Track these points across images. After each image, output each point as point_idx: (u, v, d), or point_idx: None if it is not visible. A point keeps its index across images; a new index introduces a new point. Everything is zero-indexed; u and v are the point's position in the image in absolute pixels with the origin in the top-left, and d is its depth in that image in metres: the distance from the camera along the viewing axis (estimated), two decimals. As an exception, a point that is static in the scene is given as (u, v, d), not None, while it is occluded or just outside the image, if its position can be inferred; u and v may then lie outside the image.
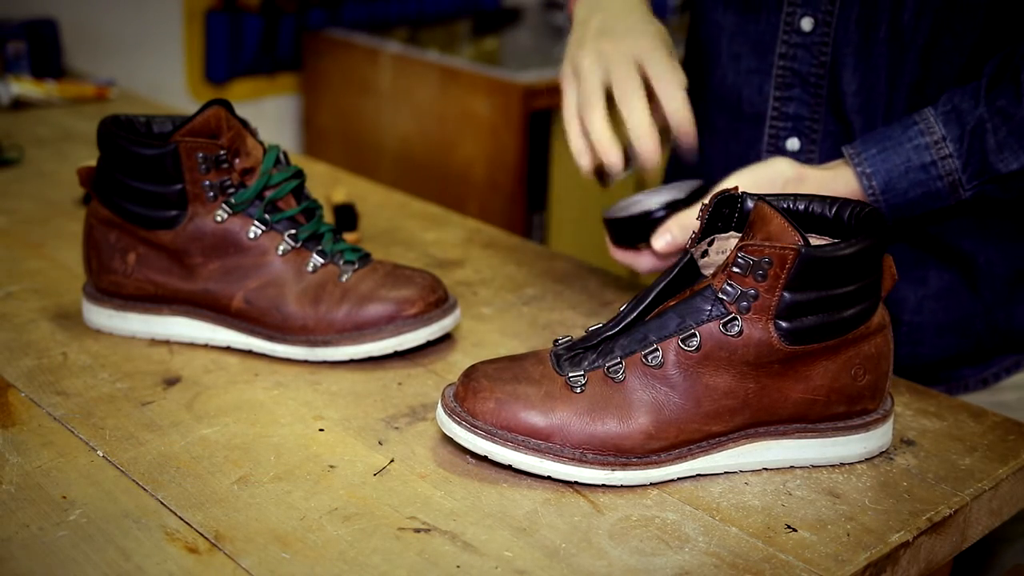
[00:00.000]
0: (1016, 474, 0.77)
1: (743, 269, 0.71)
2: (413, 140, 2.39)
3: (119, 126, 0.89)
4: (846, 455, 0.76)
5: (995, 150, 0.84)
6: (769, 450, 0.75)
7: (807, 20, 0.93)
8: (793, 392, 0.74)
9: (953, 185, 0.86)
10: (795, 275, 0.70)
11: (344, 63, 2.51)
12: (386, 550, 0.66)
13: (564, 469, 0.72)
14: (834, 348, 0.74)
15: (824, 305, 0.72)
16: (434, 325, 0.89)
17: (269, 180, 0.89)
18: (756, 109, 0.98)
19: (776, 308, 0.71)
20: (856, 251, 0.71)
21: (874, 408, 0.77)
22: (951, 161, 0.85)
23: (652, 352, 0.73)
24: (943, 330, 0.98)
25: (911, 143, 0.86)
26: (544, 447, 0.72)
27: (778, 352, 0.72)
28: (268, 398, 0.83)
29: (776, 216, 0.71)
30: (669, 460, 0.73)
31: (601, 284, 1.06)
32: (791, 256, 0.70)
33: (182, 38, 2.47)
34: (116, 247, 0.90)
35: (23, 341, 0.90)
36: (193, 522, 0.68)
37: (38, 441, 0.76)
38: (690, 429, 0.73)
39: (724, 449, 0.74)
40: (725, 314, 0.72)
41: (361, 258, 0.91)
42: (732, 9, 0.99)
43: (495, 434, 0.73)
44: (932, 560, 0.72)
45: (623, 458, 0.72)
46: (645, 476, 0.73)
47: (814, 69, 0.94)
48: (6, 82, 1.62)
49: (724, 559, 0.66)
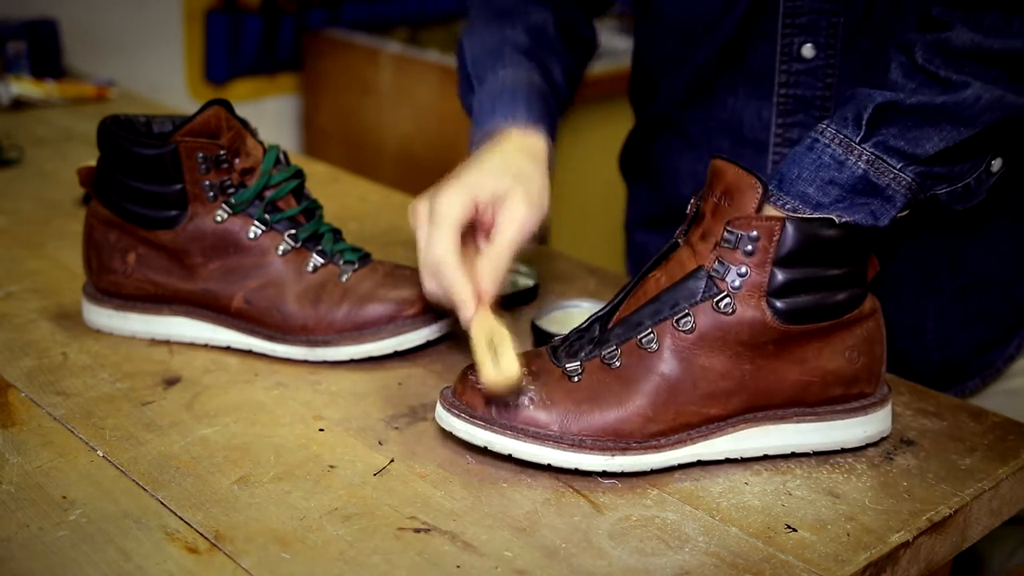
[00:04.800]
0: (1016, 474, 0.77)
1: (732, 244, 0.73)
2: (413, 140, 2.39)
3: (119, 126, 0.89)
4: (847, 439, 0.77)
5: (897, 136, 0.77)
6: (769, 435, 0.76)
7: (808, 47, 0.91)
8: (789, 374, 0.75)
9: (845, 144, 0.76)
10: (784, 248, 0.72)
11: (344, 63, 2.51)
12: (386, 550, 0.66)
13: (563, 456, 0.72)
14: (828, 330, 0.75)
15: (816, 285, 0.73)
16: (434, 325, 0.89)
17: (269, 180, 0.89)
18: (757, 135, 0.96)
19: (768, 285, 0.72)
20: (842, 225, 0.73)
21: (871, 391, 0.78)
22: (830, 128, 0.78)
23: (647, 336, 0.74)
24: (967, 323, 0.98)
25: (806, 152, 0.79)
26: (543, 434, 0.73)
27: (772, 331, 0.73)
28: (268, 398, 0.83)
29: (730, 167, 0.74)
30: (669, 445, 0.73)
31: (601, 284, 1.06)
32: (778, 227, 0.72)
33: (182, 38, 2.47)
34: (116, 247, 0.90)
35: (23, 341, 0.90)
36: (193, 522, 0.68)
37: (38, 441, 0.76)
38: (688, 412, 0.73)
39: (724, 434, 0.75)
40: (717, 292, 0.73)
41: (361, 258, 0.91)
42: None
43: (493, 424, 0.73)
44: (932, 560, 0.72)
45: (622, 443, 0.73)
46: (645, 462, 0.73)
47: (819, 92, 0.92)
48: (6, 82, 1.62)
49: (724, 559, 0.66)
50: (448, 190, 0.79)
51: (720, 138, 0.99)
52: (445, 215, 0.78)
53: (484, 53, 0.94)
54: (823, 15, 0.89)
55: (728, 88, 0.97)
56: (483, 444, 0.74)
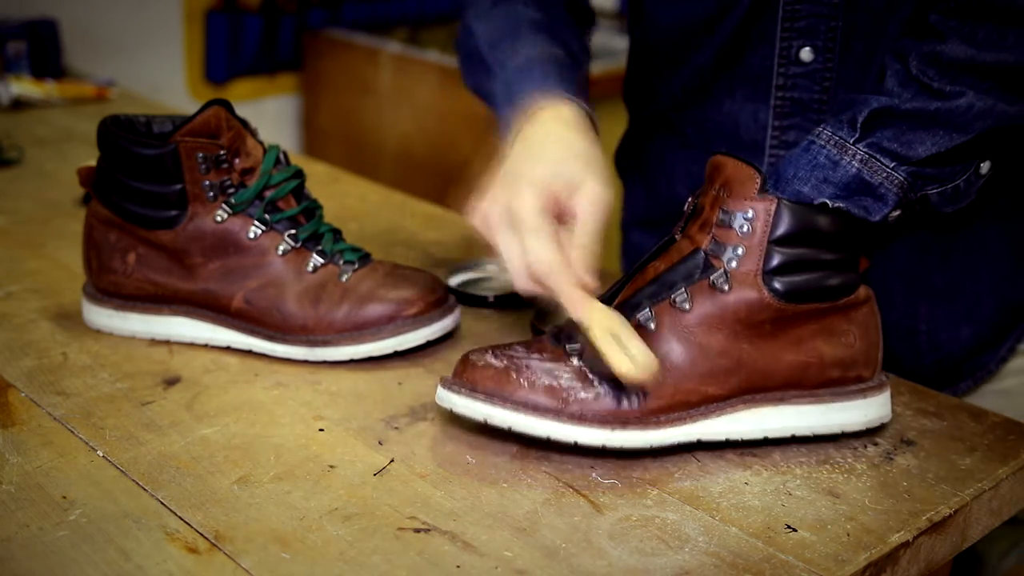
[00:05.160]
0: (1016, 474, 0.77)
1: (727, 223, 0.75)
2: (413, 140, 2.39)
3: (119, 126, 0.89)
4: (847, 422, 0.77)
5: (891, 138, 0.78)
6: (769, 417, 0.76)
7: (806, 50, 0.91)
8: (787, 354, 0.76)
9: (840, 145, 0.78)
10: (778, 228, 0.74)
11: (344, 63, 2.51)
12: (386, 550, 0.66)
13: (563, 429, 0.73)
14: (824, 312, 0.76)
15: (810, 266, 0.75)
16: (434, 325, 0.89)
17: (269, 180, 0.89)
18: (753, 137, 0.96)
19: (763, 264, 0.74)
20: (835, 211, 0.76)
21: (870, 376, 0.79)
22: (826, 131, 0.79)
23: (645, 316, 0.75)
24: (958, 323, 0.98)
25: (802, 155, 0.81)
26: (543, 407, 0.73)
27: (769, 308, 0.74)
28: (268, 398, 0.83)
29: (729, 160, 0.76)
30: (668, 422, 0.74)
31: (601, 284, 1.05)
32: (772, 207, 0.74)
33: (182, 38, 2.47)
34: (116, 247, 0.90)
35: (23, 341, 0.90)
36: (193, 522, 0.68)
37: (38, 441, 0.76)
38: (686, 389, 0.74)
39: (723, 414, 0.75)
40: (714, 270, 0.74)
41: (361, 258, 0.91)
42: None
43: (494, 397, 0.74)
44: (932, 560, 0.72)
45: (622, 419, 0.73)
46: (645, 438, 0.74)
47: (816, 96, 0.92)
48: (6, 82, 1.62)
49: (724, 559, 0.66)
50: (522, 190, 0.76)
51: (716, 140, 0.99)
52: (534, 219, 0.75)
53: (500, 34, 0.93)
54: (822, 19, 0.90)
55: (725, 90, 0.97)
56: (483, 418, 0.74)
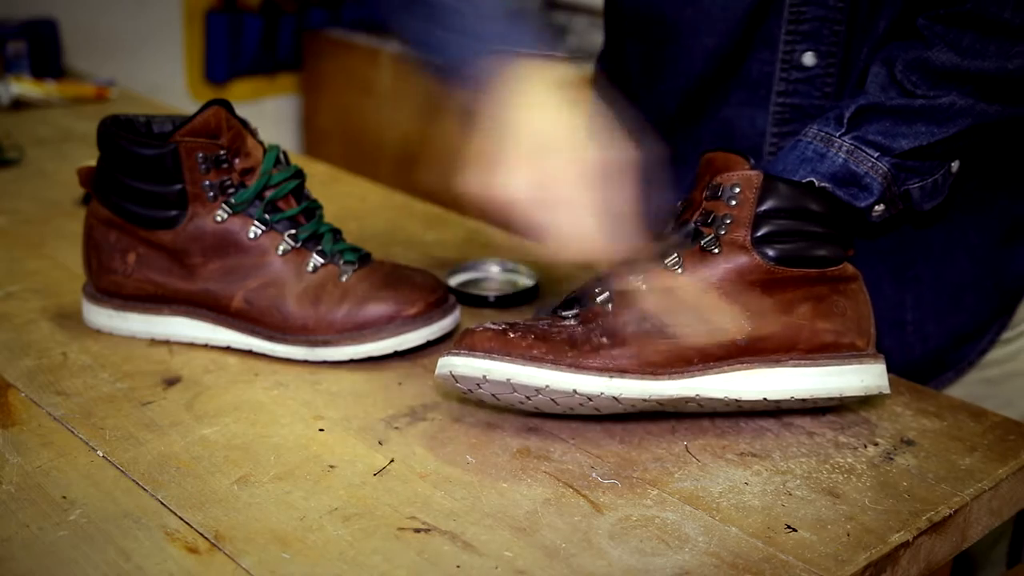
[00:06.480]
0: (1016, 474, 0.77)
1: (715, 195, 0.78)
2: (413, 140, 2.39)
3: (119, 126, 0.89)
4: (844, 387, 0.78)
5: (876, 132, 0.82)
6: (767, 377, 0.77)
7: (809, 55, 0.91)
8: (780, 315, 0.78)
9: (827, 139, 0.81)
10: (765, 200, 0.77)
11: (344, 63, 2.51)
12: (386, 550, 0.66)
13: (562, 377, 0.74)
14: (813, 280, 0.78)
15: (798, 236, 0.77)
16: (434, 325, 0.89)
17: (269, 180, 0.89)
18: (750, 142, 0.96)
19: (752, 232, 0.77)
20: (820, 190, 0.78)
21: (864, 347, 0.80)
22: (812, 128, 0.83)
23: (639, 280, 0.77)
24: (944, 314, 0.98)
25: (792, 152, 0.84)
26: (540, 358, 0.74)
27: (759, 269, 0.77)
28: (268, 398, 0.83)
29: (719, 153, 0.79)
30: (666, 375, 0.75)
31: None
32: (758, 179, 0.77)
33: (182, 38, 2.47)
34: (116, 247, 0.90)
35: (23, 341, 0.90)
36: (193, 522, 0.68)
37: (38, 441, 0.76)
38: (683, 346, 0.76)
39: (721, 372, 0.77)
40: (704, 236, 0.77)
41: (361, 258, 0.91)
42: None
43: (492, 353, 0.75)
44: (932, 560, 0.72)
45: (621, 368, 0.75)
46: (643, 387, 0.75)
47: (817, 102, 0.92)
48: (6, 82, 1.62)
49: (724, 559, 0.66)
50: (550, 161, 0.76)
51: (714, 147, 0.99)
52: (570, 189, 0.76)
53: None
54: (825, 23, 0.89)
55: (721, 96, 0.96)
56: (481, 374, 0.74)
